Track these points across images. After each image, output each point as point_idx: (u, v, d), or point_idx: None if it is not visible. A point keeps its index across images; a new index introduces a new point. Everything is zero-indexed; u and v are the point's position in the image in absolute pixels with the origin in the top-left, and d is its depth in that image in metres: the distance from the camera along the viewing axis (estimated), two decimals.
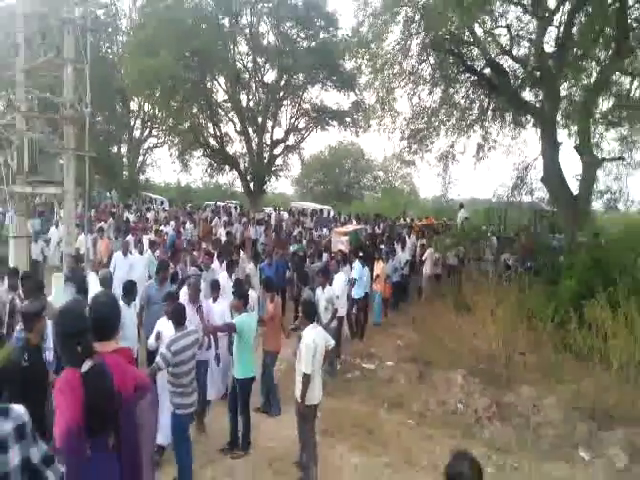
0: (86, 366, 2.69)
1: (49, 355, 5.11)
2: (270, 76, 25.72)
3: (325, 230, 17.74)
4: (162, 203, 27.29)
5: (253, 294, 7.83)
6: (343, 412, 7.14)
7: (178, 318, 5.32)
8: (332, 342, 5.88)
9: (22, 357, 4.00)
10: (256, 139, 25.68)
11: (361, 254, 11.72)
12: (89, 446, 2.64)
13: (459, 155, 16.61)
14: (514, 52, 14.13)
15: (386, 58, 13.92)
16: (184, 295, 6.92)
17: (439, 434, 6.69)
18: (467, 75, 15.12)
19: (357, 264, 10.68)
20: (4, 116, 10.82)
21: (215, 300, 7.22)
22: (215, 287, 7.31)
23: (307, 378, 5.37)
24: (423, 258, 13.72)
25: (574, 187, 13.12)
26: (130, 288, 6.66)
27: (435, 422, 7.03)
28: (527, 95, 14.89)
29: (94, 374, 2.68)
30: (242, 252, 12.18)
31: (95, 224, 15.29)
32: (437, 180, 21.90)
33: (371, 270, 11.60)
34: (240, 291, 6.40)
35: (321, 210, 26.47)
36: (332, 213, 25.42)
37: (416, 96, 15.31)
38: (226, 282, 8.23)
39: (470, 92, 15.67)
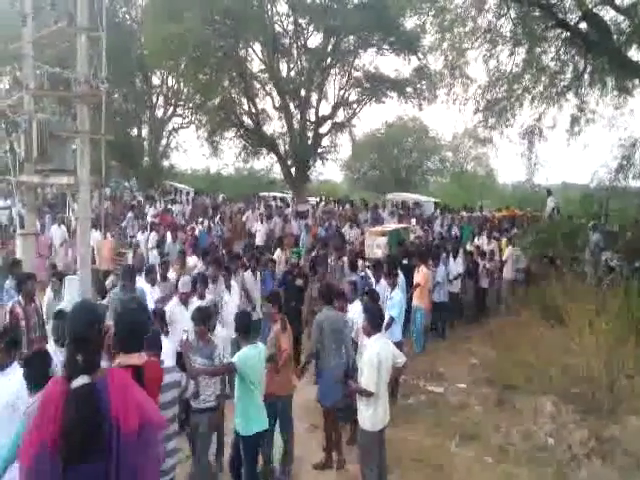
0: (77, 383, 2.71)
1: None
2: (314, 40, 25.82)
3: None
4: (188, 194, 27.87)
5: (220, 330, 6.88)
6: (404, 444, 7.10)
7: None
8: (402, 359, 5.87)
9: None
10: (298, 116, 25.84)
11: (405, 261, 10.92)
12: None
13: (548, 130, 16.25)
14: (617, 1, 13.66)
15: (456, 13, 13.77)
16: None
17: (524, 474, 6.55)
18: (558, 31, 14.74)
19: (397, 292, 8.57)
20: (10, 95, 11.30)
21: (166, 333, 6.25)
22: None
23: (371, 397, 5.43)
24: (503, 259, 13.49)
25: None
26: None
27: (519, 459, 6.88)
28: (634, 54, 14.38)
29: (80, 395, 2.68)
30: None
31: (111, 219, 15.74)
32: (520, 161, 21.42)
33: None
34: (203, 319, 5.77)
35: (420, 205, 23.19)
36: (432, 209, 22.10)
37: (494, 59, 15.09)
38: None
39: (561, 52, 15.27)
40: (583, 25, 14.07)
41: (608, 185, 15.52)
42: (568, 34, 14.50)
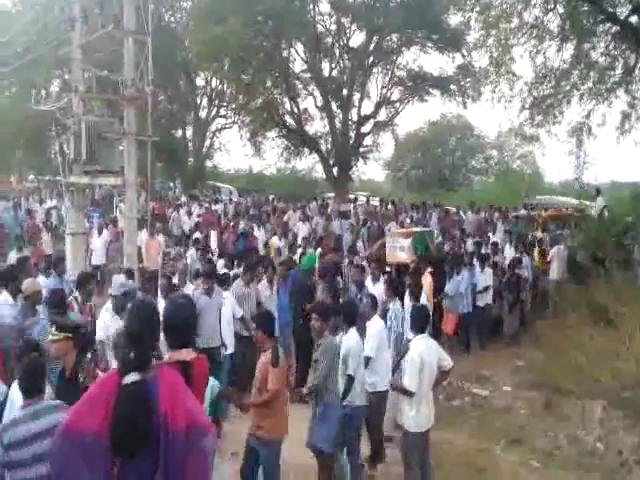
0: (129, 379, 2.78)
1: None
2: (357, 39, 25.81)
3: None
4: (231, 193, 28.15)
5: None
6: (447, 446, 7.03)
7: (29, 380, 3.77)
8: (450, 363, 5.81)
9: None
10: (340, 115, 25.84)
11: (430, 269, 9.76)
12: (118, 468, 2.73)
13: (597, 127, 15.89)
14: None
15: (502, 9, 13.62)
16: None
17: (572, 479, 6.41)
18: (607, 26, 14.45)
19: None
20: (59, 98, 11.64)
21: None
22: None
23: (410, 396, 5.41)
24: (548, 259, 13.21)
25: None
26: None
27: (566, 464, 6.75)
28: None
29: (131, 392, 2.75)
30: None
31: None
32: (568, 160, 20.95)
33: None
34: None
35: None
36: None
37: (540, 55, 14.87)
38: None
39: (611, 47, 14.94)
40: (634, 19, 13.76)
41: None
42: (618, 28, 14.19)
